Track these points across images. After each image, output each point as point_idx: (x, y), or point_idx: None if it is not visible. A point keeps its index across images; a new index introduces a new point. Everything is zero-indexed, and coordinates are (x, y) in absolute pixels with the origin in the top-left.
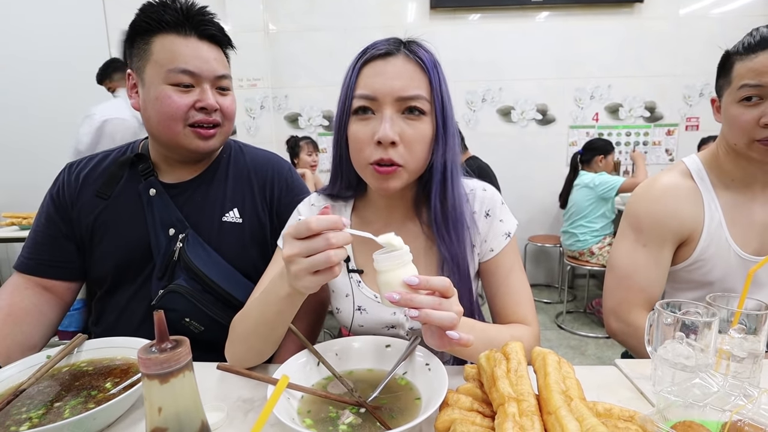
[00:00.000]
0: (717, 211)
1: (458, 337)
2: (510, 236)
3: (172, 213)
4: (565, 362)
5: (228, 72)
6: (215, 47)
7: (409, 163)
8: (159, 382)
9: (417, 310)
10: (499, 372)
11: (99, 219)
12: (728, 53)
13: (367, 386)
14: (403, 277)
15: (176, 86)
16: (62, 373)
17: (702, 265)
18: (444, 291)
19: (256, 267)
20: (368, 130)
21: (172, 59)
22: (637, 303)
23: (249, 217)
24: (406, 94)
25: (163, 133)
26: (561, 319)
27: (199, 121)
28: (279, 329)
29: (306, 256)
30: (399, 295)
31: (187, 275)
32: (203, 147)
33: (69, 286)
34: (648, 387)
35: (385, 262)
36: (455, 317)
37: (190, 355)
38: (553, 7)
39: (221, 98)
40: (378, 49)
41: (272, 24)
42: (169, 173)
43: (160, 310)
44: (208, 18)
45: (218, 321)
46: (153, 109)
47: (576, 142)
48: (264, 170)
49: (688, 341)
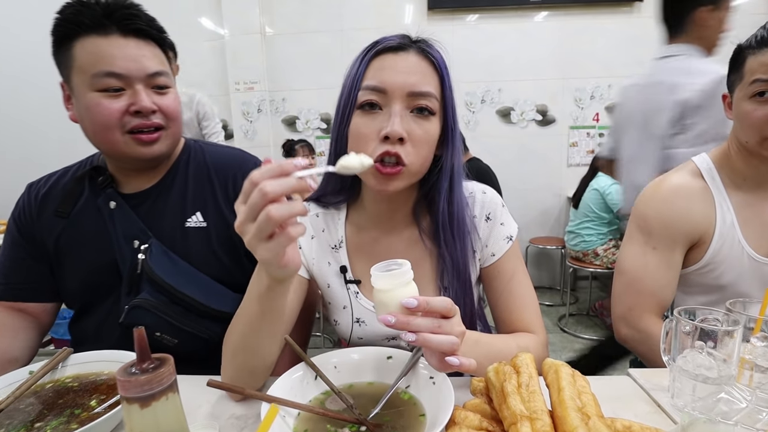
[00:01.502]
0: (729, 212)
1: (458, 363)
2: (512, 240)
3: (134, 224)
4: (579, 375)
5: (164, 68)
6: (146, 43)
7: (414, 163)
8: (139, 406)
9: (413, 334)
10: (510, 387)
11: (61, 240)
12: (740, 47)
13: (367, 401)
14: (400, 298)
15: (104, 92)
16: (45, 389)
17: (714, 268)
18: (445, 312)
19: (230, 272)
20: (374, 125)
21: (94, 63)
22: (647, 308)
23: (214, 221)
24: (419, 89)
25: (102, 144)
26: (564, 322)
27: (136, 126)
28: (267, 339)
29: (253, 220)
30: (395, 318)
31: (151, 288)
32: (147, 153)
33: (44, 308)
34: (666, 399)
35: (383, 281)
36: (456, 341)
37: (174, 375)
38: (551, 7)
39: (159, 98)
40: (390, 41)
41: (269, 27)
42: (127, 183)
43: (141, 327)
44: (132, 11)
45: (191, 332)
46: (86, 119)
47: (576, 142)
48: (226, 168)
49: (709, 350)
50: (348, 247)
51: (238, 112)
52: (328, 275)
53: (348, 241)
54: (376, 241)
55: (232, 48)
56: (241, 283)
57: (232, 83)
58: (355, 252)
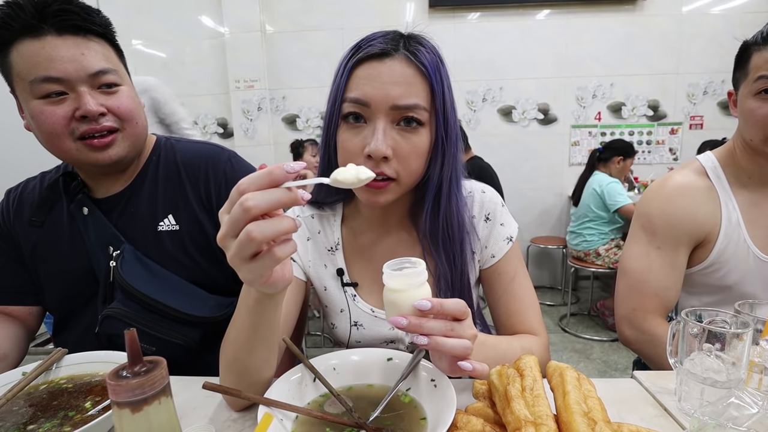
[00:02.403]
0: (734, 211)
1: (471, 368)
2: (512, 240)
3: (107, 230)
4: (585, 378)
5: (110, 65)
6: (87, 39)
7: (403, 177)
8: (131, 411)
9: (425, 338)
10: (514, 391)
11: (37, 248)
12: (746, 44)
13: (367, 404)
14: (414, 300)
15: (46, 98)
16: (39, 391)
17: (719, 268)
18: (458, 314)
19: (207, 273)
20: (358, 141)
21: (30, 69)
22: (651, 309)
23: (186, 223)
24: (403, 102)
25: (55, 153)
26: (565, 322)
27: (86, 131)
28: (261, 354)
29: (234, 237)
30: (407, 320)
31: (123, 296)
32: (102, 159)
33: (30, 311)
34: (672, 403)
35: (396, 281)
36: (469, 345)
37: (167, 378)
38: (553, 5)
39: (107, 98)
40: (374, 46)
41: (269, 25)
42: (98, 188)
43: (132, 329)
44: (66, 7)
45: (168, 340)
46: (35, 129)
47: (578, 141)
48: (196, 166)
49: (717, 353)
50: (344, 249)
51: (238, 110)
52: (324, 278)
53: (344, 244)
54: (373, 243)
55: (233, 46)
56: (222, 284)
57: (232, 81)
58: (352, 254)
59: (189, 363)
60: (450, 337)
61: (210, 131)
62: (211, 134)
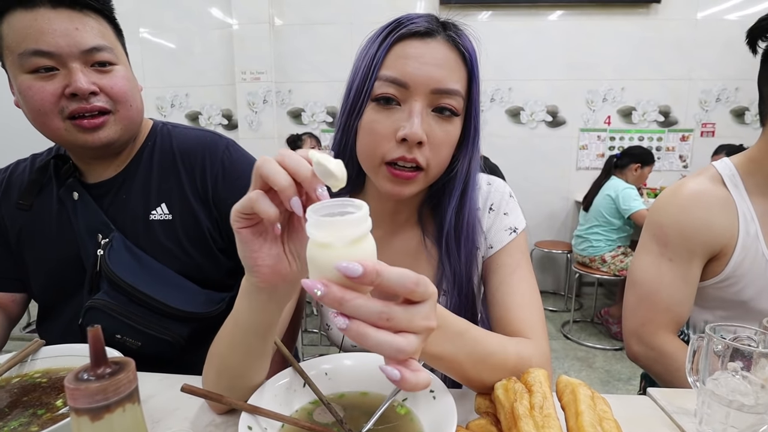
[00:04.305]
0: (753, 222)
1: (398, 377)
2: (516, 232)
3: (97, 216)
4: (600, 397)
5: (106, 42)
6: (82, 14)
7: (432, 167)
8: (90, 419)
9: (346, 320)
10: (521, 409)
11: (23, 232)
12: None
13: (359, 414)
14: (339, 261)
15: (35, 73)
16: (11, 384)
17: (735, 282)
18: (407, 293)
19: (200, 267)
20: (390, 123)
21: (20, 41)
22: (662, 324)
23: (180, 213)
24: (445, 86)
25: (44, 132)
26: (567, 329)
27: (76, 110)
28: (250, 357)
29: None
30: (325, 288)
31: (109, 287)
32: (92, 141)
33: (13, 298)
34: (691, 425)
35: (322, 230)
36: (403, 348)
37: (135, 382)
38: (566, 6)
39: (101, 77)
40: (416, 24)
41: (278, 17)
42: (90, 172)
43: (97, 326)
44: None
45: (155, 335)
46: (23, 105)
47: (586, 145)
48: (193, 154)
49: (744, 373)
50: None
51: (243, 102)
52: None
53: None
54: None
55: (240, 37)
56: (214, 279)
57: (239, 73)
58: None
59: (176, 360)
60: (381, 328)
61: (214, 122)
62: (215, 125)
